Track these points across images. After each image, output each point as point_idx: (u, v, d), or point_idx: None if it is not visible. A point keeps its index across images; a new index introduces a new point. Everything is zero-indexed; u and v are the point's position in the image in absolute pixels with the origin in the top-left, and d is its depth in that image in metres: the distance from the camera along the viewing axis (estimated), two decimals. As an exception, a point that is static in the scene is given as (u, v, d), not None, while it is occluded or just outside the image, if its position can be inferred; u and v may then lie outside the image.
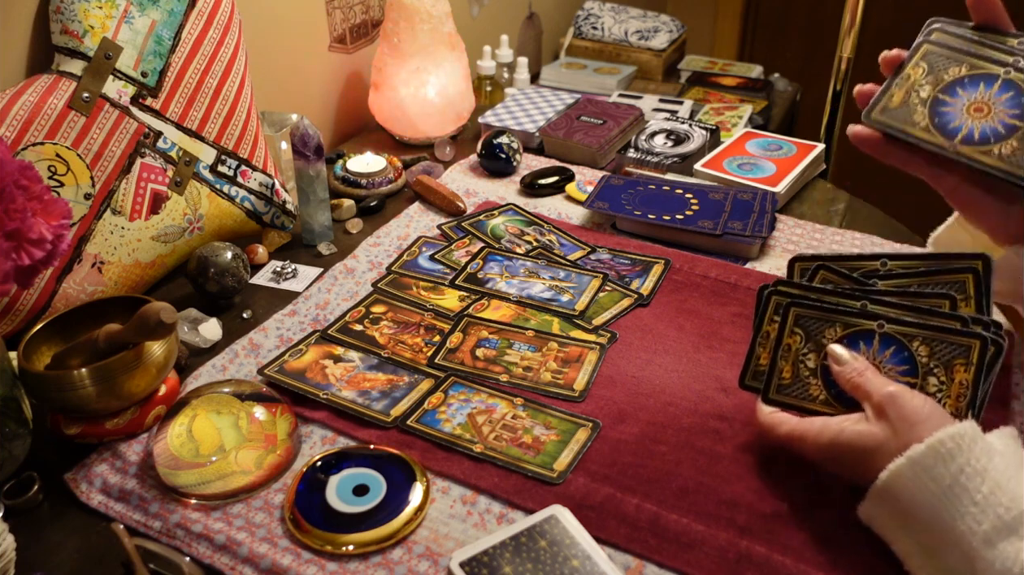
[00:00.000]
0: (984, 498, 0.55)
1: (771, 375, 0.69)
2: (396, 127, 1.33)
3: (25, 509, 0.69)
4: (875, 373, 0.64)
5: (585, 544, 0.61)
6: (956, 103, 0.68)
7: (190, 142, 0.94)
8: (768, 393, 0.69)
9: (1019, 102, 0.66)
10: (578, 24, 1.86)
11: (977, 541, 0.54)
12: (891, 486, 0.58)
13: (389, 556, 0.63)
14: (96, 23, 0.85)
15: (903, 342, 0.65)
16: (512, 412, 0.76)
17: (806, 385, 0.68)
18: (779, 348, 0.69)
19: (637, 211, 1.04)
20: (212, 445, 0.70)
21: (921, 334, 0.65)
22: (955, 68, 0.69)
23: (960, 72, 0.69)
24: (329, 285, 0.96)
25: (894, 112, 0.69)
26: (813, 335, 0.68)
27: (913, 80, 0.69)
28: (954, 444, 0.56)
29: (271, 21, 1.21)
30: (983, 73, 0.68)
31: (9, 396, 0.68)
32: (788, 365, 0.69)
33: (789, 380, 0.68)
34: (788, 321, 0.69)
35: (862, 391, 0.63)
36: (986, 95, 0.68)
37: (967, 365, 0.63)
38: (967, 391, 0.62)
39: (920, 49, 0.71)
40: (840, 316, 0.67)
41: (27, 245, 0.62)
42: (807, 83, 1.99)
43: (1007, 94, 0.66)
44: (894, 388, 0.61)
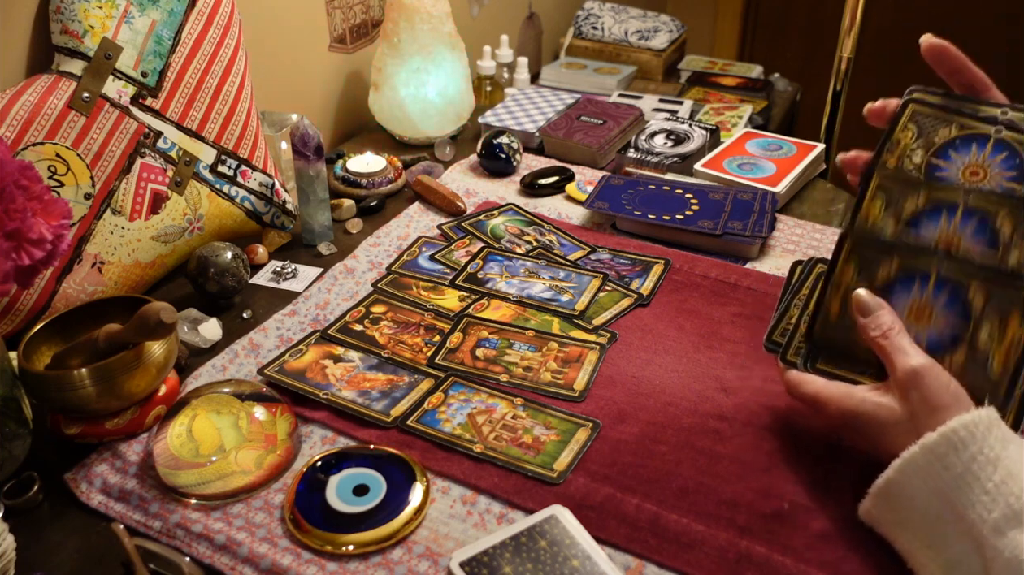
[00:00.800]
0: (995, 487, 0.54)
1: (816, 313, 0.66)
2: (396, 127, 1.33)
3: (25, 509, 0.69)
4: (902, 333, 0.62)
5: (585, 544, 0.61)
6: (896, 308, 0.64)
7: (190, 142, 0.94)
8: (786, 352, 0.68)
9: (957, 302, 0.62)
10: (578, 24, 1.86)
11: (987, 529, 0.53)
12: (902, 475, 0.58)
13: (389, 556, 0.63)
14: (96, 23, 0.85)
15: (1018, 150, 0.61)
16: (512, 412, 0.76)
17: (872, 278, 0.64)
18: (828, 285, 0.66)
19: (637, 211, 1.05)
20: (212, 445, 0.70)
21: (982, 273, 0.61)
22: (885, 267, 0.65)
23: (891, 271, 0.64)
24: (329, 285, 0.96)
25: (835, 325, 0.66)
26: (926, 133, 0.64)
27: (846, 284, 0.66)
28: (967, 433, 0.56)
29: (271, 21, 1.21)
30: (915, 270, 0.64)
31: (9, 396, 0.68)
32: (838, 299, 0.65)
33: (837, 316, 0.65)
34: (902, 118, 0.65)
35: (887, 357, 0.62)
36: (923, 297, 0.64)
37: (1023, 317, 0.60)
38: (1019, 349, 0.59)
39: (844, 246, 0.66)
40: (958, 117, 0.63)
41: (27, 245, 0.62)
42: (807, 83, 1.99)
43: (943, 294, 0.63)
44: (918, 364, 0.59)
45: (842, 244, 0.66)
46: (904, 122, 0.65)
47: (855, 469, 0.68)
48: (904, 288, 0.64)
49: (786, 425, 0.74)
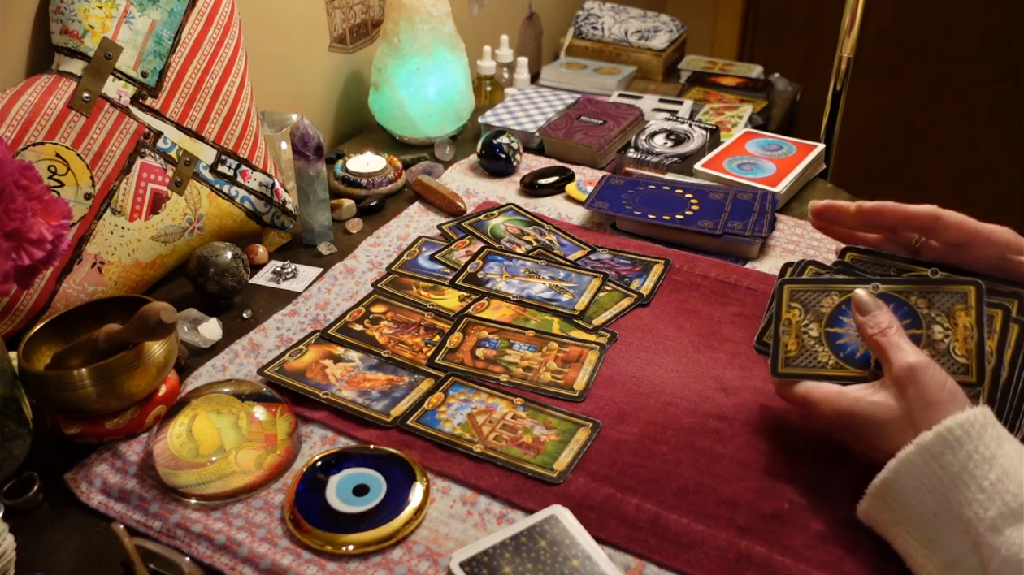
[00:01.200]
0: (992, 485, 0.54)
1: (776, 351, 0.70)
2: (396, 127, 1.33)
3: (25, 509, 0.69)
4: (899, 333, 0.63)
5: (585, 544, 0.61)
6: (849, 331, 0.68)
7: (190, 142, 0.94)
8: (776, 368, 0.69)
9: (904, 311, 0.66)
10: (578, 24, 1.86)
11: (984, 527, 0.53)
12: (899, 475, 0.58)
13: (389, 556, 0.63)
14: (96, 23, 0.85)
15: (900, 298, 0.66)
16: (512, 412, 0.76)
17: (813, 353, 0.68)
18: (779, 325, 0.70)
19: (637, 211, 1.05)
20: (212, 445, 0.70)
21: (916, 289, 0.66)
22: (827, 299, 0.69)
23: (834, 301, 0.69)
24: (329, 285, 0.96)
25: (798, 360, 0.69)
26: (811, 306, 0.69)
27: (796, 323, 0.69)
28: (963, 432, 0.56)
29: (271, 21, 1.21)
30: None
31: (9, 396, 0.68)
32: (792, 338, 0.69)
33: (795, 352, 0.69)
34: (783, 299, 0.70)
35: (883, 355, 0.62)
36: None
37: (967, 308, 0.64)
38: (973, 332, 0.63)
39: (783, 291, 0.70)
40: (834, 284, 0.69)
41: (27, 245, 0.62)
42: (807, 83, 1.99)
43: (889, 306, 0.66)
44: (914, 361, 0.60)
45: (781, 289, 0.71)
46: (787, 303, 0.70)
47: (854, 469, 0.68)
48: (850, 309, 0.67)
49: (786, 425, 0.74)
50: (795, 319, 0.69)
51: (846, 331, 0.68)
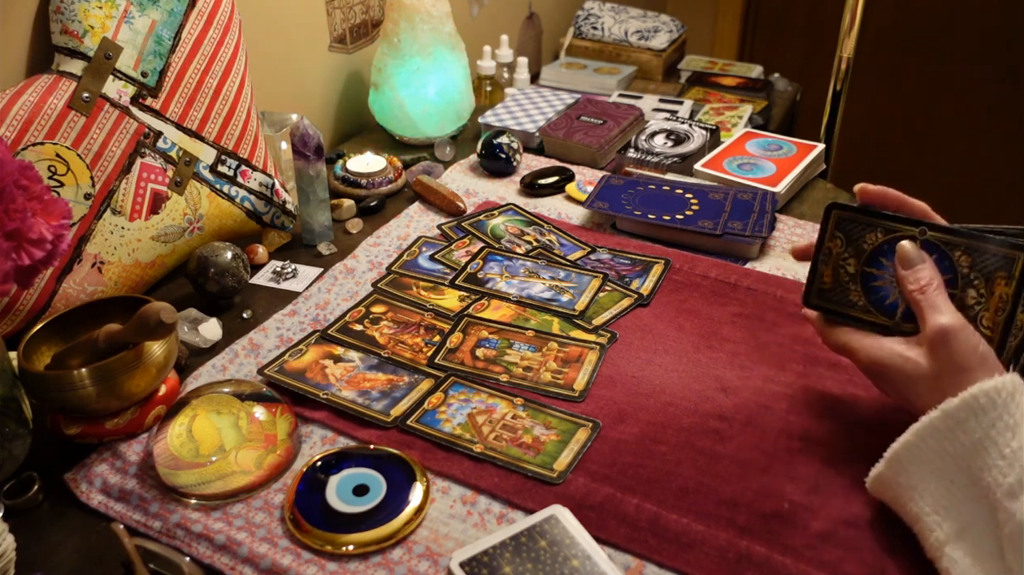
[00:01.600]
0: (1013, 452, 0.55)
1: (812, 280, 0.69)
2: (396, 127, 1.33)
3: (25, 509, 0.69)
4: (939, 290, 0.63)
5: (585, 544, 0.61)
6: (885, 275, 0.67)
7: (190, 142, 0.94)
8: (809, 297, 0.69)
9: (944, 265, 0.65)
10: (578, 24, 1.86)
11: (1001, 493, 0.54)
12: (921, 440, 0.58)
13: (389, 556, 0.63)
14: (96, 23, 0.85)
15: (944, 250, 0.64)
16: (512, 412, 0.76)
17: (846, 291, 0.68)
18: (819, 252, 0.69)
19: (637, 211, 1.05)
20: (212, 445, 0.70)
21: (964, 243, 0.64)
22: (871, 235, 0.67)
23: (877, 239, 0.67)
24: (329, 285, 0.96)
25: (830, 294, 0.68)
26: (854, 239, 0.68)
27: (836, 254, 0.68)
28: (988, 400, 0.56)
29: (271, 21, 1.21)
30: (902, 235, 0.66)
31: (9, 396, 0.68)
32: (828, 269, 0.69)
33: (830, 285, 0.68)
34: (830, 225, 0.69)
35: (920, 312, 0.63)
36: None
37: (1008, 279, 0.62)
38: (1007, 306, 0.62)
39: (831, 216, 0.69)
40: (882, 221, 0.67)
41: (27, 245, 0.62)
42: (807, 83, 1.99)
43: (932, 256, 0.65)
44: (948, 323, 0.60)
45: (829, 213, 0.69)
46: (832, 231, 0.69)
47: (855, 469, 0.68)
48: (893, 252, 0.66)
49: (786, 425, 0.74)
50: (836, 249, 0.68)
51: (882, 274, 0.66)
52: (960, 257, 0.64)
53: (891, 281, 0.67)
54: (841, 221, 0.69)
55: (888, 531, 0.63)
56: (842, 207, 0.69)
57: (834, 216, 0.69)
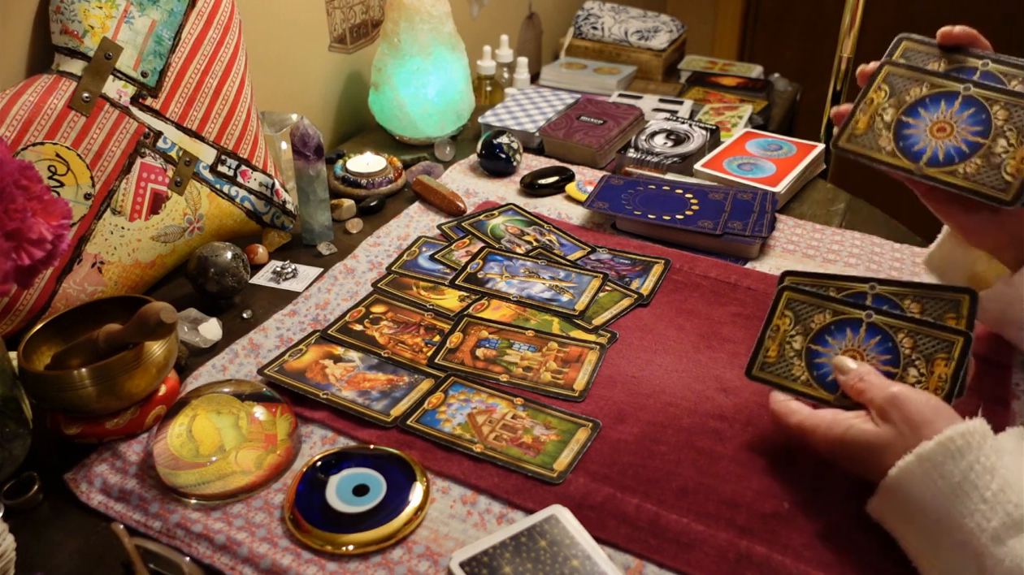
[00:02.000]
0: (993, 495, 0.55)
1: (756, 353, 0.71)
2: (396, 127, 1.33)
3: (25, 509, 0.69)
4: (876, 374, 0.64)
5: (585, 544, 0.61)
6: (919, 124, 0.69)
7: (190, 142, 0.94)
8: (751, 369, 0.71)
9: (980, 118, 0.67)
10: (578, 24, 1.86)
11: (986, 538, 0.54)
12: (900, 483, 0.58)
13: (389, 556, 0.63)
14: (96, 23, 0.85)
15: (889, 333, 0.67)
16: (512, 412, 0.76)
17: (790, 365, 0.69)
18: (767, 328, 0.71)
19: (637, 211, 1.05)
20: (212, 445, 0.70)
21: (907, 327, 0.66)
22: (916, 89, 0.70)
23: (921, 92, 0.70)
24: (329, 285, 0.96)
25: (860, 138, 0.70)
26: (802, 319, 0.70)
27: (876, 104, 0.71)
28: (964, 442, 0.56)
29: (271, 21, 1.21)
30: (944, 91, 0.69)
31: (9, 396, 0.68)
32: (775, 344, 0.70)
33: (774, 359, 0.70)
34: (780, 304, 0.71)
35: (866, 396, 0.64)
36: (947, 114, 0.69)
37: (948, 360, 0.64)
38: (945, 385, 0.64)
39: (882, 71, 0.72)
40: (831, 303, 0.69)
41: (27, 245, 0.62)
42: (807, 83, 1.99)
43: (968, 111, 0.68)
44: (896, 390, 0.62)
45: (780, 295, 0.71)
46: (879, 83, 0.71)
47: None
48: (933, 104, 0.69)
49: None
50: (784, 326, 0.70)
51: (827, 351, 0.69)
52: (903, 339, 0.66)
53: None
54: (791, 302, 0.71)
55: (888, 531, 0.63)
56: (794, 289, 0.71)
57: (785, 297, 0.71)
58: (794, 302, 0.70)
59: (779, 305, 0.71)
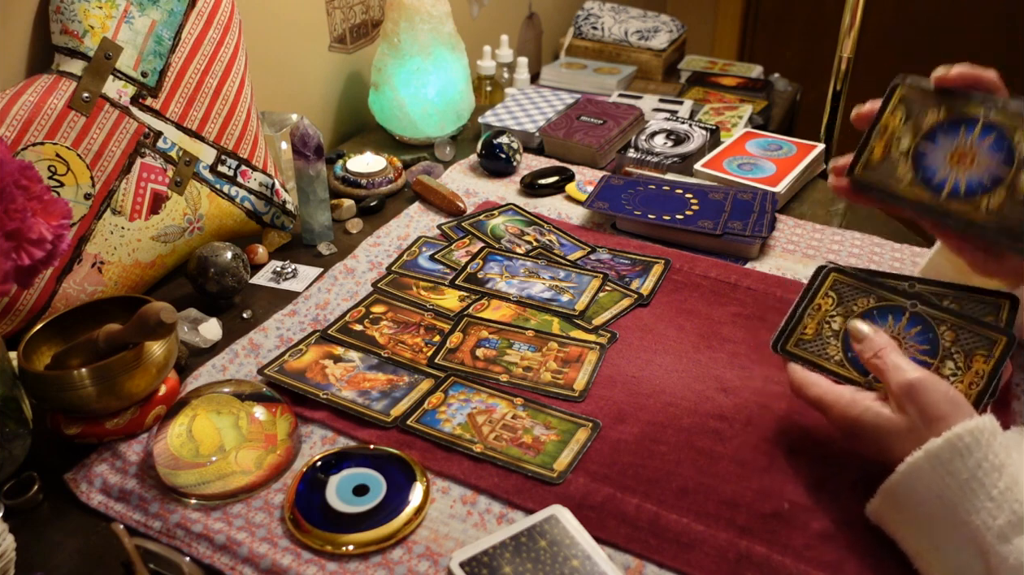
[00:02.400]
0: (1001, 493, 0.54)
1: (793, 328, 0.69)
2: (396, 127, 1.33)
3: (25, 509, 0.69)
4: (896, 352, 0.63)
5: (585, 544, 0.61)
6: (938, 152, 0.65)
7: (190, 142, 0.94)
8: (786, 344, 0.69)
9: (927, 337, 0.65)
10: (578, 24, 1.86)
11: (992, 536, 0.54)
12: (907, 479, 0.58)
13: (389, 556, 0.63)
14: (96, 23, 0.85)
15: (931, 324, 0.66)
16: (512, 412, 0.76)
17: (825, 344, 0.68)
18: (809, 306, 0.69)
19: (637, 211, 1.05)
20: (212, 445, 0.70)
21: (951, 320, 0.65)
22: (863, 299, 0.68)
23: (939, 116, 0.66)
24: (329, 285, 0.96)
25: (809, 344, 0.68)
26: (846, 301, 0.68)
27: (824, 310, 0.69)
28: (972, 439, 0.56)
29: (271, 21, 1.21)
30: (892, 305, 0.67)
31: (9, 396, 0.68)
32: (813, 323, 0.69)
33: (811, 336, 0.69)
34: (825, 285, 0.69)
35: (883, 375, 0.63)
36: (896, 328, 0.66)
37: (988, 358, 0.63)
38: (981, 381, 0.63)
39: (827, 278, 0.70)
40: (877, 289, 0.68)
41: (27, 245, 0.62)
42: (807, 83, 1.99)
43: (916, 328, 0.66)
44: (914, 377, 0.61)
45: (891, 94, 0.68)
46: (894, 105, 0.68)
47: (855, 469, 0.68)
48: (951, 131, 0.65)
49: (786, 425, 0.74)
50: (825, 306, 0.69)
51: None
52: (944, 332, 0.65)
53: None
54: (837, 283, 0.70)
55: (888, 533, 0.63)
56: (841, 271, 0.70)
57: (832, 278, 0.70)
58: (840, 284, 0.69)
59: (824, 285, 0.69)
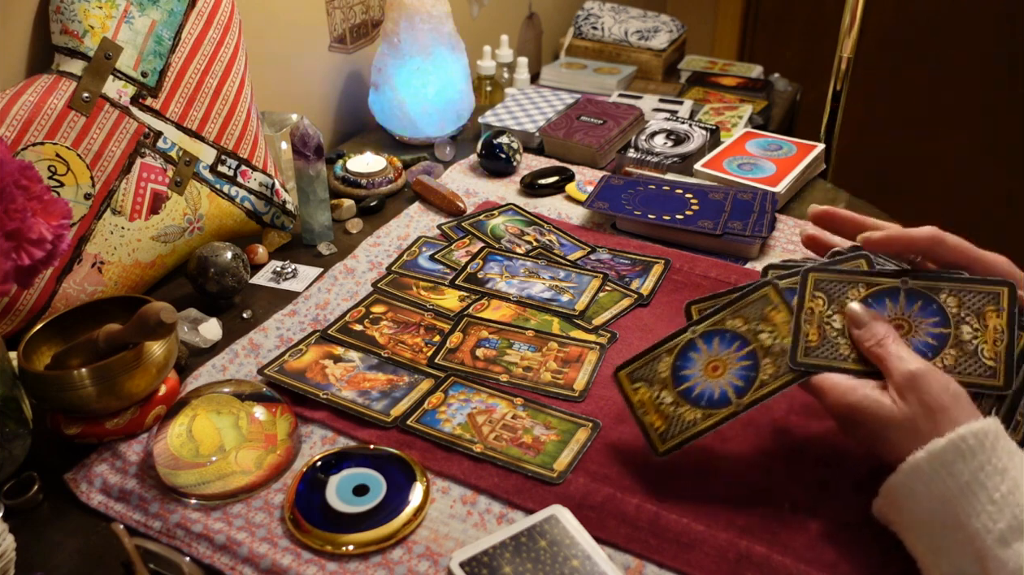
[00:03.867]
0: (1002, 497, 0.54)
1: (796, 339, 0.67)
2: (396, 127, 1.33)
3: (25, 509, 0.69)
4: (896, 342, 0.63)
5: (585, 544, 0.61)
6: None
7: (190, 142, 0.94)
8: (795, 357, 0.67)
9: (932, 309, 0.65)
10: (578, 24, 1.86)
11: (991, 540, 0.53)
12: (908, 479, 0.57)
13: (389, 556, 0.63)
14: (96, 23, 0.85)
15: (930, 295, 0.65)
16: (512, 412, 0.76)
17: (835, 345, 0.66)
18: (800, 313, 0.67)
19: (637, 211, 1.05)
20: (212, 445, 0.70)
21: (947, 286, 0.64)
22: (854, 291, 0.67)
23: (861, 293, 0.66)
24: (329, 285, 0.96)
25: (819, 351, 0.66)
26: (836, 297, 0.67)
27: (819, 313, 0.67)
28: (976, 441, 0.56)
29: (271, 21, 1.21)
30: (885, 289, 0.66)
31: (9, 396, 0.68)
32: (813, 328, 0.67)
33: (816, 342, 0.67)
34: (808, 287, 0.68)
35: (883, 365, 0.62)
36: (897, 310, 0.66)
37: (998, 311, 0.63)
38: (1003, 335, 0.62)
39: (807, 280, 0.68)
40: (861, 276, 0.66)
41: (27, 245, 0.62)
42: (807, 83, 1.99)
43: (917, 303, 0.65)
44: (915, 368, 0.60)
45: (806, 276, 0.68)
46: (810, 292, 0.68)
47: (855, 470, 0.68)
48: (878, 305, 0.66)
49: (786, 426, 0.74)
50: (818, 308, 0.67)
51: None
52: (946, 299, 0.65)
53: None
54: (819, 282, 0.68)
55: (888, 531, 0.63)
56: (819, 270, 0.68)
57: (811, 279, 0.68)
58: (822, 282, 0.68)
59: (807, 288, 0.68)
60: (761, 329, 0.67)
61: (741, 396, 0.66)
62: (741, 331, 0.67)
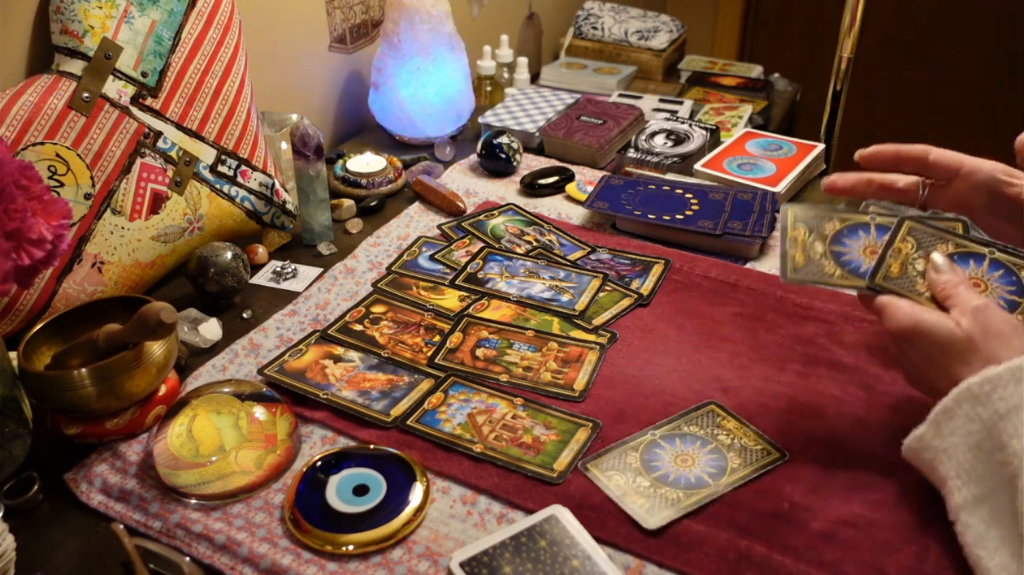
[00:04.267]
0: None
1: (879, 265, 0.69)
2: (396, 127, 1.33)
3: (25, 509, 0.69)
4: (969, 288, 0.64)
5: (585, 544, 0.61)
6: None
7: (190, 142, 0.94)
8: (874, 278, 0.68)
9: (1011, 279, 0.67)
10: (578, 24, 1.86)
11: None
12: (957, 402, 0.59)
13: (389, 556, 0.63)
14: (96, 23, 0.85)
15: (1012, 268, 0.67)
16: (512, 412, 0.76)
17: (912, 281, 0.68)
18: (888, 248, 0.70)
19: (637, 211, 1.05)
20: (212, 445, 0.70)
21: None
22: (943, 246, 0.69)
23: (949, 249, 0.69)
24: (329, 285, 0.96)
25: (896, 281, 0.69)
26: (925, 245, 0.69)
27: (906, 253, 0.70)
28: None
29: (271, 21, 1.21)
30: (971, 252, 0.69)
31: (9, 396, 0.68)
32: (897, 263, 0.69)
33: (897, 275, 0.69)
34: (901, 230, 0.70)
35: (950, 302, 0.64)
36: (979, 272, 0.68)
37: None
38: None
39: (902, 225, 0.71)
40: (954, 236, 0.69)
41: (27, 245, 0.62)
42: (807, 83, 1.99)
43: (998, 272, 0.67)
44: (982, 302, 0.62)
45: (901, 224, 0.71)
46: (903, 234, 0.70)
47: (855, 470, 0.68)
48: (961, 262, 0.68)
49: (786, 425, 0.74)
50: (906, 249, 0.70)
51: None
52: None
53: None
54: (913, 230, 0.70)
55: (888, 531, 0.63)
56: (912, 218, 0.71)
57: (906, 225, 0.71)
58: (915, 231, 0.70)
59: (900, 231, 0.70)
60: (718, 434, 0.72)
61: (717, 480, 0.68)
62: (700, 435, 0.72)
